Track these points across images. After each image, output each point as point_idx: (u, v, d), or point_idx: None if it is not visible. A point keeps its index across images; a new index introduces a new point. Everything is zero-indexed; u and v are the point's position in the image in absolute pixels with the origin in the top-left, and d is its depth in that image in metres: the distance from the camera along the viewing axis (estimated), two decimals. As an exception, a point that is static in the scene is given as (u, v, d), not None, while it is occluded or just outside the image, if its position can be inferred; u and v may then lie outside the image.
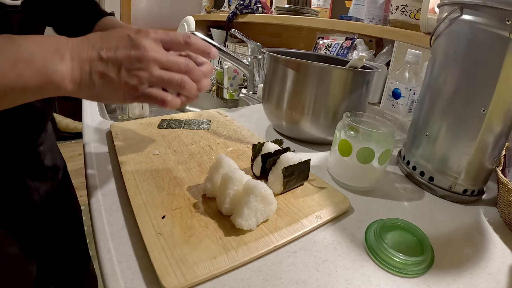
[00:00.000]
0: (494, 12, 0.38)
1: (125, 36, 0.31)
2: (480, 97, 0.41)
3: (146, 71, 0.31)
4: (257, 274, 0.30)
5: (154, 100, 0.32)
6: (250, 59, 1.04)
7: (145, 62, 0.30)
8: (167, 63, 0.32)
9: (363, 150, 0.42)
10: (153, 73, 0.31)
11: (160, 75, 0.31)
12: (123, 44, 0.30)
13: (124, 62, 0.30)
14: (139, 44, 0.30)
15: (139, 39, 0.31)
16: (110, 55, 0.30)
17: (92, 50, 0.30)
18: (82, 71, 0.29)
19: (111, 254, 0.30)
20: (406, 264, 0.31)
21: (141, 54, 0.30)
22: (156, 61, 0.31)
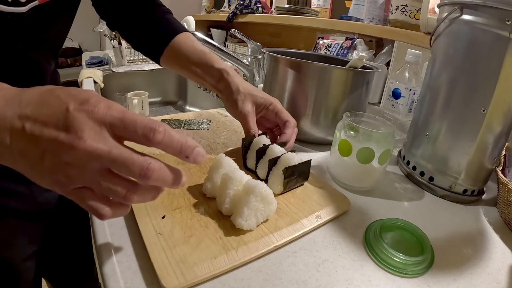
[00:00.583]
0: (494, 12, 0.38)
1: (62, 107, 0.21)
2: (480, 97, 0.41)
3: (77, 168, 0.21)
4: (257, 274, 0.30)
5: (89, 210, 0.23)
6: (250, 59, 1.04)
7: (76, 156, 0.21)
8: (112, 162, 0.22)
9: (363, 150, 0.42)
10: (86, 175, 0.22)
11: (96, 180, 0.22)
12: (55, 118, 0.21)
13: (49, 147, 0.21)
14: (74, 125, 0.21)
15: (77, 117, 0.21)
16: (34, 130, 0.21)
17: (18, 117, 0.21)
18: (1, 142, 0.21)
19: (111, 254, 0.30)
20: (406, 264, 0.31)
21: (72, 141, 0.21)
22: (93, 156, 0.21)
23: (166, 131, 0.23)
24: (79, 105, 0.21)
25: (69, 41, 2.71)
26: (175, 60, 0.52)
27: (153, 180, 0.22)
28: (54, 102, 0.22)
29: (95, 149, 0.21)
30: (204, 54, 0.51)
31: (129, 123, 0.22)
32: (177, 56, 0.51)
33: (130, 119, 0.22)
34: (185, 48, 0.51)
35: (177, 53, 0.51)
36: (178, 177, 0.24)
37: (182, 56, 0.51)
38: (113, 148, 0.22)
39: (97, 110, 0.21)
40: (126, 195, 0.23)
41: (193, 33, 0.88)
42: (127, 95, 1.01)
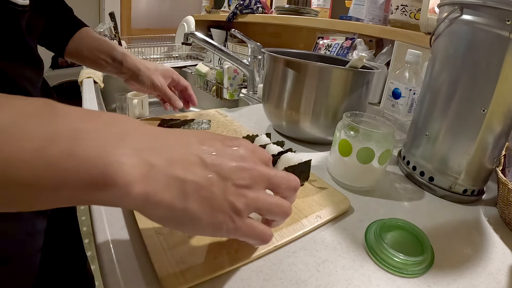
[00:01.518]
0: (494, 12, 0.38)
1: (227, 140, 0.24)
2: (480, 97, 0.41)
3: (255, 190, 0.23)
4: (257, 274, 0.30)
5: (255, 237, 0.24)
6: (250, 59, 1.04)
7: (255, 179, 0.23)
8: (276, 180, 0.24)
9: (363, 150, 0.42)
10: (261, 195, 0.23)
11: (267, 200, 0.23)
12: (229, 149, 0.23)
13: (232, 175, 0.22)
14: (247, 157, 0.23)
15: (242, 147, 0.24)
16: (216, 161, 0.21)
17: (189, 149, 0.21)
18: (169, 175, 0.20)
19: (111, 254, 0.30)
20: (406, 264, 0.31)
21: (250, 165, 0.23)
22: (264, 177, 0.23)
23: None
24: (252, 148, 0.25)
25: (69, 41, 2.70)
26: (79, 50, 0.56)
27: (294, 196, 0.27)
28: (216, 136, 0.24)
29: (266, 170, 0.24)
30: (105, 41, 0.57)
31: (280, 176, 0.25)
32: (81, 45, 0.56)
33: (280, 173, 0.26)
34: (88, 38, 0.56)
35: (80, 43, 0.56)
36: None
37: (85, 45, 0.56)
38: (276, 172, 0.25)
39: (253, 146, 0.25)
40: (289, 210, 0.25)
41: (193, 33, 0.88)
42: (127, 95, 1.01)
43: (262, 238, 0.24)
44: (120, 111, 1.06)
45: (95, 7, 2.20)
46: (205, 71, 1.16)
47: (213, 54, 1.42)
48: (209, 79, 1.16)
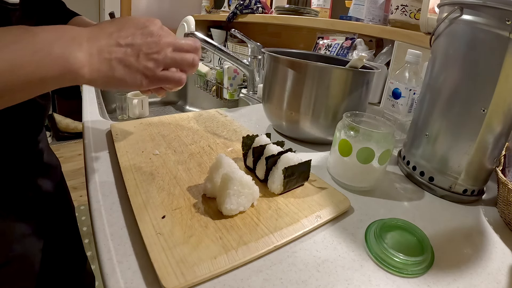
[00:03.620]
0: (494, 12, 0.38)
1: (139, 23, 0.33)
2: (480, 97, 0.41)
3: (161, 53, 0.33)
4: (257, 274, 0.30)
5: (171, 81, 0.35)
6: (250, 59, 1.04)
7: (161, 46, 0.33)
8: (178, 45, 0.35)
9: (363, 150, 0.42)
10: (167, 55, 0.34)
11: (174, 57, 0.35)
12: (140, 31, 0.33)
13: (142, 47, 0.32)
14: (153, 30, 0.33)
15: (152, 26, 0.34)
16: (128, 41, 0.32)
17: (109, 37, 0.31)
18: (101, 57, 0.30)
19: (111, 254, 0.30)
20: (406, 264, 0.31)
21: (157, 39, 0.33)
22: (169, 44, 0.34)
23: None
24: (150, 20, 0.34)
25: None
26: None
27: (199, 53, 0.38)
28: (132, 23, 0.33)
29: (170, 39, 0.34)
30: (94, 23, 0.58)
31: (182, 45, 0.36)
32: None
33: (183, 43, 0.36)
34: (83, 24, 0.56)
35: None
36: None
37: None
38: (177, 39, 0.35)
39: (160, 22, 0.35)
40: (193, 60, 0.36)
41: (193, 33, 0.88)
42: (127, 95, 1.01)
43: (175, 81, 0.36)
44: (120, 110, 1.07)
45: (95, 7, 2.20)
46: (205, 71, 1.16)
47: (213, 54, 1.42)
48: (209, 79, 1.16)
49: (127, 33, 0.32)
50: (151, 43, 0.33)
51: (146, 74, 0.33)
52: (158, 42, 0.33)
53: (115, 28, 0.32)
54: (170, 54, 0.34)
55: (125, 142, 0.52)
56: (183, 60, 0.36)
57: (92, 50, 0.30)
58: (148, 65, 0.33)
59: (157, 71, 0.34)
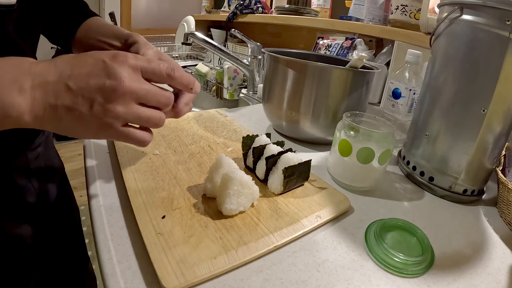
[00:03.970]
0: (494, 12, 0.38)
1: (99, 62, 0.26)
2: (480, 97, 0.41)
3: (122, 105, 0.27)
4: (257, 274, 0.30)
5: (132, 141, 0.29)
6: (250, 59, 1.04)
7: (122, 95, 0.26)
8: (146, 96, 0.28)
9: (363, 150, 0.42)
10: (130, 109, 0.27)
11: (138, 113, 0.28)
12: (97, 71, 0.26)
13: (97, 95, 0.26)
14: (115, 72, 0.26)
15: (115, 67, 0.26)
16: (80, 85, 0.26)
17: (58, 78, 0.26)
18: (46, 104, 0.25)
19: (111, 254, 0.30)
20: (406, 264, 0.31)
21: (116, 84, 0.26)
22: (133, 93, 0.27)
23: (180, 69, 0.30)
24: (112, 58, 0.27)
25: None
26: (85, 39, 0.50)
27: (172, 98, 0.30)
28: (90, 60, 0.27)
29: (135, 87, 0.27)
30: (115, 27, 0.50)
31: (155, 67, 0.29)
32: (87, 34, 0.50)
33: (154, 64, 0.29)
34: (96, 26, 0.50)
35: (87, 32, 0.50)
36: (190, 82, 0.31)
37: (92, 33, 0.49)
38: (146, 85, 0.28)
39: (128, 60, 0.27)
40: (159, 120, 0.30)
41: (193, 33, 0.88)
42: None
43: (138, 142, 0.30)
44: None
45: (95, 7, 2.20)
46: (205, 71, 1.16)
47: (213, 54, 1.42)
48: (209, 79, 1.16)
49: (80, 73, 0.26)
50: (108, 89, 0.26)
51: (102, 128, 0.27)
52: (116, 89, 0.26)
53: (68, 65, 0.26)
54: (133, 109, 0.27)
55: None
56: (149, 120, 0.29)
57: (36, 93, 0.25)
58: (105, 119, 0.26)
59: (116, 127, 0.27)
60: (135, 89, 0.27)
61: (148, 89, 0.28)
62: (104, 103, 0.26)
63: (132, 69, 0.27)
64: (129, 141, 0.29)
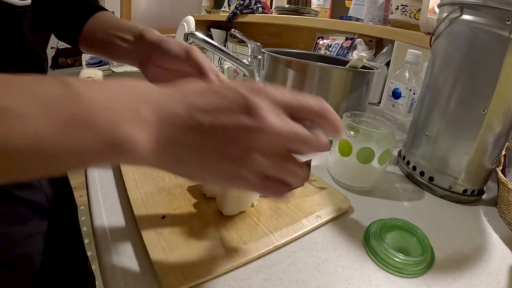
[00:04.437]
0: (494, 12, 0.38)
1: (237, 96, 0.21)
2: (480, 97, 0.41)
3: (264, 155, 0.21)
4: (257, 274, 0.30)
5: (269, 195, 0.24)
6: (250, 59, 1.04)
7: (262, 138, 0.20)
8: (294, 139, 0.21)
9: (363, 150, 0.42)
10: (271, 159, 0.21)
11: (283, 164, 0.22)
12: (235, 107, 0.20)
13: (234, 136, 0.20)
14: (256, 108, 0.20)
15: (257, 102, 0.20)
16: (215, 122, 0.20)
17: (188, 111, 0.21)
18: (169, 141, 0.21)
19: (111, 254, 0.30)
20: (406, 264, 0.31)
21: (257, 124, 0.20)
22: (280, 137, 0.21)
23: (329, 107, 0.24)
24: (252, 91, 0.21)
25: (69, 41, 2.70)
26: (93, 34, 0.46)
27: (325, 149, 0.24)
28: (225, 92, 0.21)
29: (280, 129, 0.21)
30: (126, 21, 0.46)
31: (304, 103, 0.22)
32: (95, 28, 0.46)
33: (304, 99, 0.23)
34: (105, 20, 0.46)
35: (95, 26, 0.46)
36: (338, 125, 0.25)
37: (100, 27, 0.46)
38: (294, 126, 0.21)
39: (271, 94, 0.22)
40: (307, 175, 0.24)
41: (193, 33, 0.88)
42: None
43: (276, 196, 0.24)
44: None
45: (95, 7, 2.20)
46: (205, 71, 1.16)
47: (213, 54, 1.42)
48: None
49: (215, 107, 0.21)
50: (251, 131, 0.20)
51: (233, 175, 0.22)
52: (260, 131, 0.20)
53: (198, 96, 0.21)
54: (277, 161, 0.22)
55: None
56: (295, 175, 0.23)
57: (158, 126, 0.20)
58: (240, 168, 0.21)
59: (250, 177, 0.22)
60: (283, 132, 0.21)
61: (297, 131, 0.21)
62: (241, 146, 0.21)
63: (277, 105, 0.21)
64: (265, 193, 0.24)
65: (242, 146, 0.21)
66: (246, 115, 0.20)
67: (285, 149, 0.22)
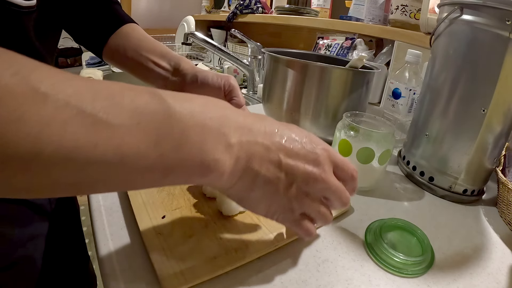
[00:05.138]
0: (494, 12, 0.38)
1: (312, 147, 0.26)
2: (480, 97, 0.41)
3: (313, 195, 0.26)
4: (257, 274, 0.30)
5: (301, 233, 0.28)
6: (250, 59, 1.04)
7: (318, 185, 0.26)
8: (333, 192, 0.27)
9: (363, 150, 0.42)
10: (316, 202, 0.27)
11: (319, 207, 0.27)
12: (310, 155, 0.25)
13: (299, 178, 0.25)
14: (321, 162, 0.26)
15: (322, 157, 0.26)
16: (290, 163, 0.24)
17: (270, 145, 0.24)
18: (247, 168, 0.23)
19: (111, 254, 0.30)
20: (406, 264, 0.31)
21: (319, 174, 0.25)
22: (327, 186, 0.26)
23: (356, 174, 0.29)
24: (321, 147, 0.27)
25: (69, 41, 2.70)
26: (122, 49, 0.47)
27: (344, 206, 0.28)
28: (306, 142, 0.26)
29: (331, 181, 0.26)
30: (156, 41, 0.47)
31: (346, 165, 0.28)
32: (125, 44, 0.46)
33: (346, 162, 0.28)
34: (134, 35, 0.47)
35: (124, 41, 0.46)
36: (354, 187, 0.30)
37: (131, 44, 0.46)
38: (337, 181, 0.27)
39: (331, 153, 0.27)
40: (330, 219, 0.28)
41: (193, 33, 0.88)
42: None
43: (308, 234, 0.28)
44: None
45: (95, 7, 2.20)
46: (205, 71, 1.16)
47: (213, 54, 1.42)
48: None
49: (294, 151, 0.25)
50: (312, 177, 0.25)
51: (283, 210, 0.26)
52: (318, 179, 0.25)
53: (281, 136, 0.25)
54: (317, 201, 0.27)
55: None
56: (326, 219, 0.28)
57: (241, 153, 0.23)
58: (293, 203, 0.26)
59: (296, 213, 0.27)
60: (331, 183, 0.26)
61: (338, 185, 0.27)
62: (302, 187, 0.25)
63: (332, 163, 0.27)
64: (299, 230, 0.28)
65: (303, 188, 0.25)
66: (314, 166, 0.25)
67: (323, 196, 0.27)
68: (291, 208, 0.26)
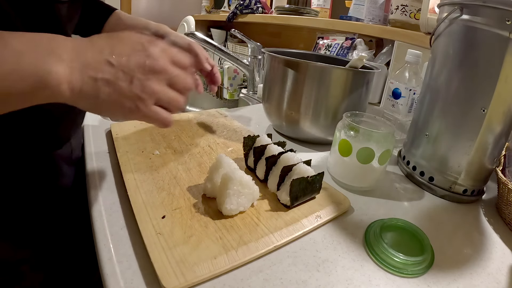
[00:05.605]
0: (494, 12, 0.38)
1: (138, 44, 0.29)
2: (480, 97, 0.41)
3: (158, 83, 0.29)
4: (257, 274, 0.30)
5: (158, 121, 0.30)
6: (250, 59, 1.04)
7: (158, 74, 0.28)
8: (176, 78, 0.30)
9: (363, 150, 0.42)
10: (163, 88, 0.29)
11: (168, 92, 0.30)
12: (137, 51, 0.28)
13: (136, 72, 0.27)
14: (153, 53, 0.28)
15: (153, 49, 0.29)
16: (122, 62, 0.27)
17: (99, 54, 0.27)
18: (85, 76, 0.26)
19: (111, 254, 0.30)
20: (406, 264, 0.31)
21: (155, 64, 0.28)
22: (167, 74, 0.29)
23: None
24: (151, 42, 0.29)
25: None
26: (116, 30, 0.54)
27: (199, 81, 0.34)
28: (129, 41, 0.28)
29: (169, 68, 0.29)
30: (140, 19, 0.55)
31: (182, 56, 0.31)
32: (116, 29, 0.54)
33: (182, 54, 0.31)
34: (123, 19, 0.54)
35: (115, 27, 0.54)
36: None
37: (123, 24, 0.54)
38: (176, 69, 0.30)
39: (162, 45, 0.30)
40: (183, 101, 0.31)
41: (193, 33, 0.88)
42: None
43: (164, 123, 0.30)
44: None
45: (95, 7, 2.20)
46: (205, 71, 1.16)
47: (213, 54, 1.42)
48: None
49: (121, 51, 0.27)
50: (148, 68, 0.28)
51: (137, 105, 0.28)
52: (155, 68, 0.28)
53: (107, 43, 0.28)
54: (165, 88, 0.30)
55: (125, 142, 0.52)
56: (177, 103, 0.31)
57: (74, 64, 0.25)
58: (142, 95, 0.28)
59: (149, 105, 0.29)
60: (169, 70, 0.29)
61: (178, 72, 0.30)
62: (143, 80, 0.28)
63: (166, 54, 0.30)
64: (156, 121, 0.30)
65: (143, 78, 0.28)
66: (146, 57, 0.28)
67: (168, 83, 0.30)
68: (142, 99, 0.28)
